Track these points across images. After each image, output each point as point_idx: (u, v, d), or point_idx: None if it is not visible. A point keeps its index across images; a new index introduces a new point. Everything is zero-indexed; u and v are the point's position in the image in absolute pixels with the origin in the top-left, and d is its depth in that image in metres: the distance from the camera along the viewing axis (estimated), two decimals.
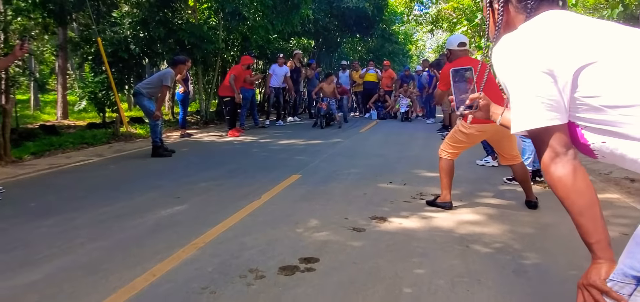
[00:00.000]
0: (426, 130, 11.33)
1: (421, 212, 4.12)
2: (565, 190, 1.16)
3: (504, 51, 1.24)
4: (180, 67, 7.62)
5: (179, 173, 5.88)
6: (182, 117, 9.94)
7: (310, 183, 5.29)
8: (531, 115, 1.18)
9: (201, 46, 11.36)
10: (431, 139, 9.42)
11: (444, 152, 4.27)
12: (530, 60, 1.17)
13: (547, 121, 1.16)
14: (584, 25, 1.19)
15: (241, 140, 9.33)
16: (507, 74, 1.23)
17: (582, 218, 1.15)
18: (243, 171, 5.98)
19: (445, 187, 4.24)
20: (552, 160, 1.18)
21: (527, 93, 1.18)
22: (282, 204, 4.37)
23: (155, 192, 4.87)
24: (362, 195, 4.74)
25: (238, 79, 10.40)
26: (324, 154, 7.39)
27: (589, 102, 1.13)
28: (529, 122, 1.18)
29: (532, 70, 1.16)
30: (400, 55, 33.51)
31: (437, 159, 6.70)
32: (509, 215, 4.08)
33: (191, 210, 4.18)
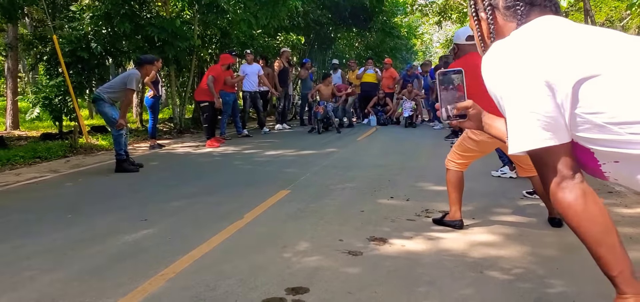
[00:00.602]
0: (433, 137, 11.36)
1: (427, 233, 4.09)
2: (576, 218, 1.16)
3: (495, 61, 1.24)
4: (148, 68, 7.59)
5: (148, 191, 5.82)
6: (151, 125, 9.90)
7: (300, 200, 5.26)
8: (527, 134, 1.17)
9: (174, 43, 11.35)
10: (439, 147, 9.43)
11: (451, 163, 4.26)
12: (525, 71, 1.17)
13: (545, 141, 1.16)
14: (584, 33, 1.19)
15: (221, 151, 9.28)
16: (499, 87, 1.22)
17: (600, 248, 1.14)
18: (223, 187, 5.94)
19: (454, 203, 4.22)
20: (558, 185, 1.17)
21: (521, 109, 1.17)
22: (268, 225, 4.33)
23: (119, 214, 4.81)
24: (358, 213, 4.71)
25: (217, 80, 10.39)
26: (316, 166, 7.37)
27: (592, 119, 1.13)
28: (525, 142, 1.18)
29: (527, 82, 1.16)
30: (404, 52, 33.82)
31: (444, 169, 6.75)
32: (530, 235, 4.06)
33: (161, 234, 4.13)
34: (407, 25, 31.06)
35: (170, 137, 11.86)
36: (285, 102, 13.77)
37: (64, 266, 3.44)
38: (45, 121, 13.21)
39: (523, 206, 4.99)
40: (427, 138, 11.15)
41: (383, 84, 15.25)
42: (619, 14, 18.36)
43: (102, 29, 10.88)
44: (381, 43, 24.96)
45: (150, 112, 9.89)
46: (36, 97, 10.22)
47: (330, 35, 21.80)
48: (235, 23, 13.14)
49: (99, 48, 10.44)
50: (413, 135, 11.85)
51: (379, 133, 12.43)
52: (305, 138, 11.42)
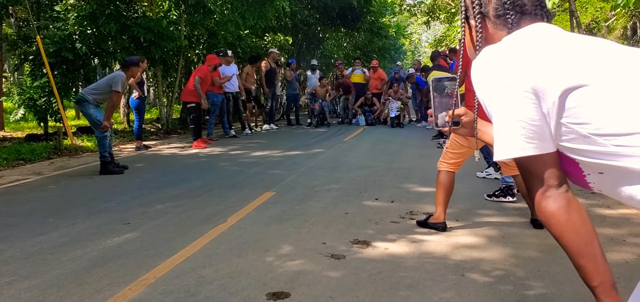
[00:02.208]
0: (420, 137, 11.39)
1: (411, 235, 4.10)
2: (559, 227, 1.15)
3: (483, 66, 1.23)
4: (133, 70, 7.53)
5: (131, 193, 5.78)
6: (137, 126, 9.83)
7: (284, 202, 5.25)
8: (512, 142, 1.17)
9: (160, 44, 11.27)
10: (425, 147, 9.47)
11: (443, 164, 4.27)
12: (512, 77, 1.16)
13: (530, 149, 1.15)
14: (574, 42, 1.18)
15: (208, 152, 9.24)
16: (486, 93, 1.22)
17: (581, 259, 1.14)
18: (208, 189, 5.91)
19: (440, 204, 4.23)
20: (543, 194, 1.17)
21: (507, 116, 1.17)
22: (251, 228, 4.31)
23: (101, 217, 4.77)
24: (343, 215, 4.70)
25: (204, 81, 10.34)
26: (302, 167, 7.36)
27: (578, 129, 1.12)
28: (510, 149, 1.17)
29: (514, 89, 1.15)
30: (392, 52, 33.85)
31: (431, 171, 6.78)
32: (512, 236, 4.08)
33: (143, 238, 4.09)
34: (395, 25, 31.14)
35: (156, 138, 11.77)
36: (272, 103, 13.73)
37: (43, 272, 3.39)
38: (31, 122, 13.05)
39: (506, 208, 5.01)
40: (414, 138, 11.18)
41: (371, 84, 15.27)
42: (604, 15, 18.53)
43: (87, 29, 10.77)
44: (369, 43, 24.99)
45: (136, 114, 9.81)
46: (20, 98, 10.09)
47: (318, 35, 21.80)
48: (222, 23, 13.08)
49: (84, 48, 10.34)
50: (400, 135, 11.88)
51: (366, 133, 12.45)
52: (291, 138, 11.41)
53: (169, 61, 12.52)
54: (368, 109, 14.70)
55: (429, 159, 7.93)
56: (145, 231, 4.29)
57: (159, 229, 4.32)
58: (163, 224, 4.48)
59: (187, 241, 3.95)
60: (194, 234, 4.13)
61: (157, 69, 12.66)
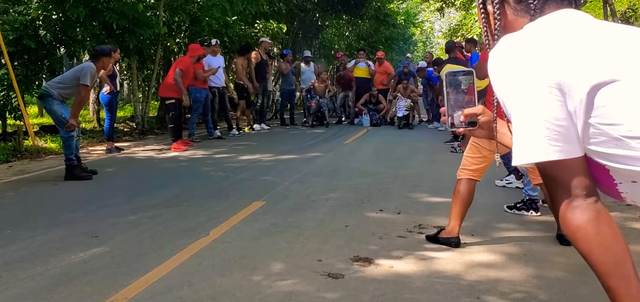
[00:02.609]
0: (431, 139, 11.40)
1: (419, 252, 4.10)
2: (586, 243, 1.14)
3: (501, 58, 1.22)
4: (105, 61, 7.53)
5: (100, 202, 5.77)
6: (108, 125, 9.82)
7: (276, 212, 5.25)
8: (533, 145, 1.16)
9: (135, 31, 11.27)
10: (437, 152, 9.48)
11: (464, 172, 4.27)
12: (534, 71, 1.15)
13: (554, 153, 1.14)
14: (605, 31, 1.17)
15: (189, 155, 9.24)
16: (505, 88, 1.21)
17: (611, 279, 1.13)
18: (188, 198, 5.92)
19: (455, 217, 4.24)
20: (568, 205, 1.16)
21: (528, 115, 1.16)
22: (237, 242, 4.31)
23: (66, 228, 4.76)
24: (342, 228, 4.71)
25: (186, 74, 10.35)
26: (297, 173, 7.36)
27: (608, 131, 1.11)
28: (531, 153, 1.16)
29: (536, 84, 1.14)
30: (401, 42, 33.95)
31: (443, 179, 6.81)
32: (535, 254, 4.08)
33: (113, 253, 4.09)
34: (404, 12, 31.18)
35: (130, 139, 11.78)
36: (263, 100, 13.74)
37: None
38: None
39: (529, 221, 5.02)
40: (424, 141, 11.19)
41: (376, 79, 15.29)
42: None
43: (52, 13, 10.77)
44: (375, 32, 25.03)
45: (107, 111, 9.80)
46: None
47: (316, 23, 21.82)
48: (207, 8, 13.09)
49: (48, 36, 10.31)
50: (408, 137, 11.90)
51: (370, 135, 12.45)
52: (285, 140, 11.40)
53: (145, 51, 12.50)
54: (373, 107, 14.72)
55: (441, 165, 7.95)
56: (116, 245, 4.28)
57: (132, 243, 4.31)
58: (136, 237, 4.47)
59: (164, 257, 3.94)
60: (172, 249, 4.12)
61: (131, 60, 12.65)
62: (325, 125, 14.11)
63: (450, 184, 6.39)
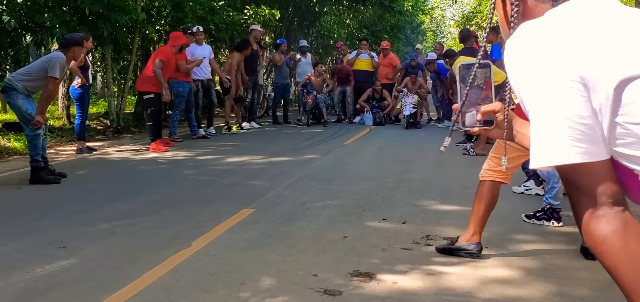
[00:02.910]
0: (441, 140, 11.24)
1: (426, 266, 4.10)
2: (612, 256, 1.14)
3: (518, 48, 1.22)
4: (76, 50, 7.51)
5: (70, 208, 5.76)
6: (79, 122, 9.80)
7: (267, 221, 5.25)
8: (555, 145, 1.15)
9: (110, 17, 11.25)
10: (447, 154, 9.45)
11: (488, 173, 4.28)
12: (555, 63, 1.14)
13: (578, 155, 1.14)
14: (635, 20, 1.17)
15: (170, 157, 9.24)
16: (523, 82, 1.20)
17: (639, 298, 1.12)
18: (168, 204, 5.91)
19: (477, 222, 4.24)
20: (592, 214, 1.15)
21: (548, 112, 1.15)
22: (223, 255, 4.31)
23: (31, 238, 4.75)
24: (341, 239, 4.71)
25: (167, 66, 10.34)
26: (291, 178, 7.37)
27: (637, 131, 1.11)
28: (551, 155, 1.16)
29: (557, 78, 1.14)
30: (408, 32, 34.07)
31: (453, 185, 6.82)
32: (557, 269, 4.09)
33: (83, 266, 4.08)
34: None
35: (104, 137, 11.77)
36: (253, 95, 13.74)
37: None
38: None
39: (550, 232, 5.02)
40: (433, 143, 11.17)
41: (380, 73, 15.30)
42: None
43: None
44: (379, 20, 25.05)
45: (78, 106, 9.77)
46: None
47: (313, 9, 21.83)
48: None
49: (12, 22, 10.28)
50: (416, 138, 11.92)
51: (373, 135, 12.46)
52: (278, 140, 11.41)
53: (121, 40, 12.47)
54: (376, 104, 14.73)
55: (452, 169, 7.96)
56: (86, 256, 4.27)
57: (104, 255, 4.30)
58: (109, 248, 4.46)
59: (140, 271, 3.93)
60: (149, 262, 4.11)
61: (106, 49, 12.63)
62: (322, 124, 14.15)
63: (461, 190, 6.47)
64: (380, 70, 15.30)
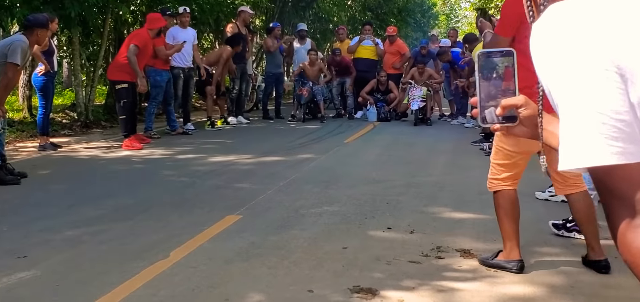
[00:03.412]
0: (455, 139, 11.42)
1: (437, 281, 4.10)
2: None
3: (546, 33, 1.21)
4: (40, 34, 7.51)
5: (31, 213, 5.75)
6: (42, 115, 9.78)
7: (255, 230, 5.24)
8: (587, 145, 1.14)
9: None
10: (462, 154, 9.49)
11: (494, 183, 4.30)
12: (589, 50, 1.14)
13: (613, 156, 1.13)
14: None
15: (145, 156, 9.23)
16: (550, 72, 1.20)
17: None
18: (143, 210, 5.91)
19: (509, 236, 4.25)
20: (629, 223, 1.15)
21: (580, 106, 1.14)
22: (206, 267, 4.30)
23: None
24: (340, 250, 4.70)
25: (143, 52, 10.31)
26: (282, 180, 7.36)
27: None
28: (582, 156, 1.15)
29: (591, 67, 1.13)
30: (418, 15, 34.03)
31: (468, 188, 6.81)
32: (585, 286, 4.09)
33: (45, 278, 4.07)
34: None
35: (71, 133, 11.75)
36: (241, 86, 13.72)
37: None
38: None
39: (578, 244, 5.00)
40: (445, 141, 11.21)
41: (386, 62, 15.29)
42: None
43: None
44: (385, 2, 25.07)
45: (41, 97, 9.76)
46: None
47: None
48: None
49: None
50: (426, 136, 11.92)
51: (377, 132, 12.46)
52: (269, 138, 11.40)
53: (91, 21, 12.47)
54: (380, 97, 14.70)
55: (466, 172, 7.96)
56: (50, 267, 4.25)
57: (70, 266, 4.29)
58: (75, 259, 4.45)
59: (110, 284, 3.92)
60: (121, 275, 4.10)
61: (73, 32, 12.60)
62: (319, 120, 14.15)
63: (478, 196, 6.45)
64: (386, 58, 15.29)
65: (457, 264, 4.44)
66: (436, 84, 14.53)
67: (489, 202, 6.01)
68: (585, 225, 4.35)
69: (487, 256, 4.42)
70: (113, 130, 11.97)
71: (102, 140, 10.84)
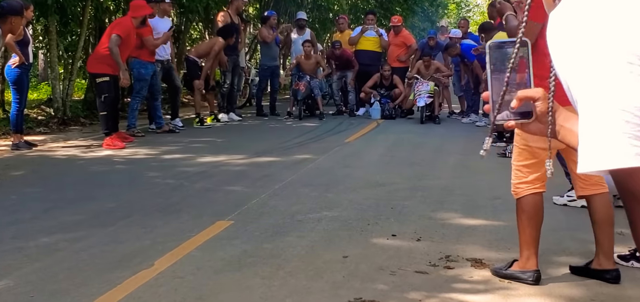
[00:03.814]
0: (465, 138, 11.42)
1: (446, 293, 4.10)
2: None
3: (564, 22, 1.21)
4: (14, 21, 7.52)
5: (3, 218, 5.74)
6: (15, 111, 9.78)
7: (248, 236, 5.24)
8: (609, 145, 1.14)
9: None
10: (471, 155, 9.44)
11: (521, 187, 4.27)
12: (609, 41, 1.14)
13: (639, 157, 1.13)
14: None
15: (128, 155, 9.23)
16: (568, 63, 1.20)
17: None
18: (125, 214, 5.90)
19: (528, 244, 4.23)
20: None
21: (602, 103, 1.14)
22: (194, 277, 4.30)
23: None
24: (340, 259, 4.70)
25: (126, 42, 10.31)
26: (278, 183, 7.36)
27: None
28: (605, 157, 1.15)
29: (613, 59, 1.13)
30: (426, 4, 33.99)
31: (479, 193, 6.81)
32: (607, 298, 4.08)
33: (18, 289, 4.07)
34: None
35: (47, 130, 11.75)
36: (233, 80, 13.73)
37: None
38: None
39: None
40: (454, 141, 11.21)
41: (391, 54, 15.30)
42: None
43: None
44: None
45: (15, 91, 9.75)
46: None
47: None
48: None
49: None
50: (434, 135, 11.94)
51: (380, 131, 12.48)
52: (263, 136, 11.40)
53: (69, 9, 12.47)
54: (385, 92, 14.70)
55: (477, 174, 7.96)
56: (23, 277, 4.25)
57: (45, 276, 4.29)
58: (51, 268, 4.44)
59: (89, 296, 3.92)
60: (101, 285, 4.10)
61: (50, 20, 12.61)
62: (318, 117, 14.16)
63: (490, 201, 6.47)
64: (390, 50, 15.31)
65: (467, 274, 4.44)
66: (445, 78, 14.52)
67: (502, 207, 6.07)
68: (604, 227, 4.33)
69: (501, 266, 4.42)
70: (93, 128, 11.97)
71: (80, 139, 10.84)
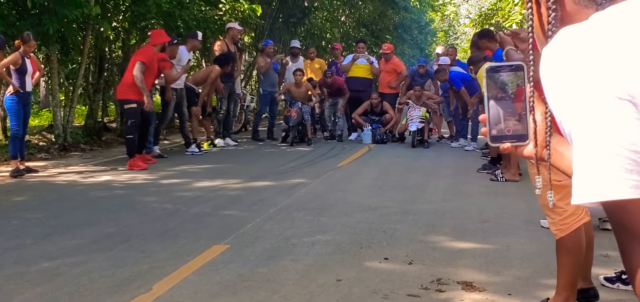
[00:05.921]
0: (455, 162, 11.44)
1: None
2: None
3: (557, 58, 1.21)
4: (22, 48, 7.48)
5: (4, 243, 5.72)
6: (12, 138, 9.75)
7: (243, 261, 5.22)
8: (602, 177, 1.14)
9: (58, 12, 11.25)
10: (461, 179, 9.49)
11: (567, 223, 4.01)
12: (601, 77, 1.14)
13: (630, 190, 1.12)
14: None
15: (127, 180, 9.24)
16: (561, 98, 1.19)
17: None
18: (124, 239, 5.88)
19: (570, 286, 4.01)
20: None
21: (594, 137, 1.14)
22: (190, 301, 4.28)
23: None
24: (334, 283, 4.69)
25: (149, 69, 10.46)
26: (272, 207, 7.35)
27: None
28: (597, 189, 1.14)
29: (604, 95, 1.13)
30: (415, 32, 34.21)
31: (470, 216, 6.81)
32: None
33: None
34: None
35: (48, 156, 11.73)
36: (229, 106, 13.74)
37: None
38: None
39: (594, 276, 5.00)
40: (446, 165, 11.22)
41: (381, 81, 15.34)
42: None
43: None
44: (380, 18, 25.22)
45: (13, 119, 9.74)
46: None
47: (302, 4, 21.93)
48: None
49: None
50: (425, 160, 11.94)
51: (372, 155, 12.48)
52: (258, 161, 11.40)
53: (70, 38, 12.47)
54: (376, 118, 14.74)
55: (468, 198, 7.96)
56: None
57: (46, 301, 4.26)
58: (52, 293, 4.41)
59: None
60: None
61: (51, 49, 12.61)
62: (306, 143, 14.17)
63: (480, 224, 6.46)
64: (381, 77, 15.34)
65: (458, 297, 4.42)
66: (435, 104, 14.57)
67: (491, 230, 6.07)
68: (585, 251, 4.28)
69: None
70: (92, 154, 11.97)
71: (81, 165, 10.83)
